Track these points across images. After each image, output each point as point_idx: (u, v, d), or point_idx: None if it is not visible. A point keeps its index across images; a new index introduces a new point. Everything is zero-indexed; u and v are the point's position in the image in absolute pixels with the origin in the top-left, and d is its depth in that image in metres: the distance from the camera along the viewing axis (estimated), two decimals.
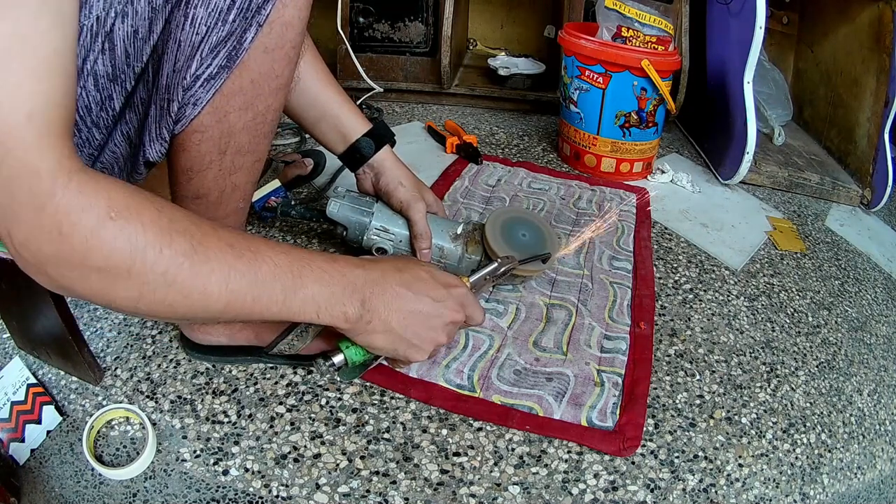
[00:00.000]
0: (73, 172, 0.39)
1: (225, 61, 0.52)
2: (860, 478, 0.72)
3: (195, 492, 0.61)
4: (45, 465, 0.63)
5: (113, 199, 0.41)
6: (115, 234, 0.40)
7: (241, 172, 0.62)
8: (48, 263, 0.40)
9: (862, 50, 1.42)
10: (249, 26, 0.52)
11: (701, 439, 0.72)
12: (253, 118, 0.58)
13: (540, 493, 0.63)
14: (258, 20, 0.52)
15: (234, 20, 0.50)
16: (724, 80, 1.39)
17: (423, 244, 0.84)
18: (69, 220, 0.39)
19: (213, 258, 0.46)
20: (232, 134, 0.58)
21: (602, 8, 1.25)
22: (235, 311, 0.48)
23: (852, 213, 1.39)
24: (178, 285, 0.44)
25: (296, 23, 0.55)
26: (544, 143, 1.52)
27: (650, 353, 0.83)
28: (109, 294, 0.43)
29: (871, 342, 0.95)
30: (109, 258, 0.41)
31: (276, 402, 0.70)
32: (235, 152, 0.59)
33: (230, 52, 0.52)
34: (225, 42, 0.51)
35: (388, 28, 1.62)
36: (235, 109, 0.56)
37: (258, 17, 0.52)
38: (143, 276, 0.42)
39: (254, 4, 0.51)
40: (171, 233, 0.43)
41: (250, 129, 0.59)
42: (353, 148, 0.84)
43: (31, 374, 0.68)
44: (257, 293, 0.48)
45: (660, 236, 1.15)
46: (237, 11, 0.50)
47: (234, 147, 0.59)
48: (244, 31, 0.52)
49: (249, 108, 0.57)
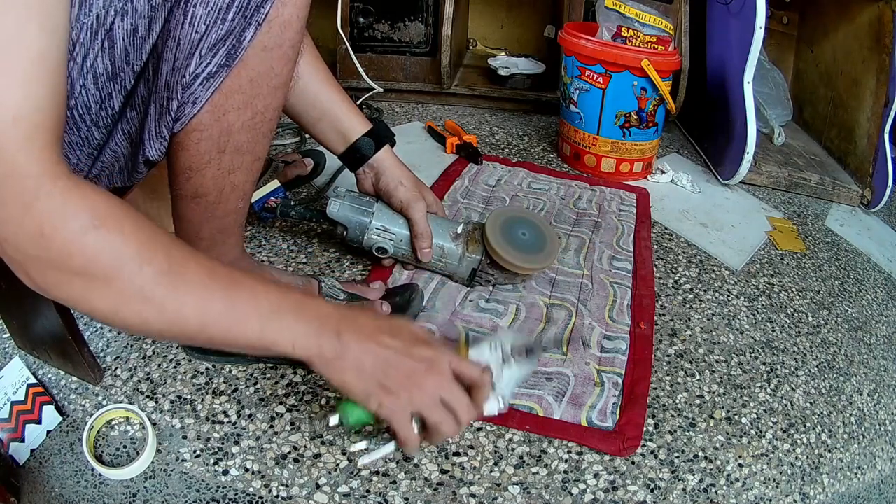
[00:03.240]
0: (58, 177, 0.39)
1: (224, 59, 0.52)
2: (860, 478, 0.72)
3: (195, 492, 0.61)
4: (45, 465, 0.63)
5: (97, 208, 0.41)
6: (98, 242, 0.41)
7: (240, 172, 0.62)
8: (30, 263, 0.41)
9: (862, 50, 1.42)
10: (248, 25, 0.52)
11: (701, 439, 0.72)
12: (252, 117, 0.58)
13: (540, 493, 0.63)
14: (257, 19, 0.52)
15: (233, 18, 0.51)
16: (724, 80, 1.39)
17: (423, 243, 0.84)
18: (52, 223, 0.39)
19: (190, 281, 0.45)
20: (231, 132, 0.58)
21: (602, 8, 1.25)
22: (210, 335, 0.47)
23: (852, 213, 1.39)
24: (154, 302, 0.44)
25: (294, 22, 0.55)
26: (544, 143, 1.52)
27: (650, 353, 0.83)
28: (89, 301, 0.43)
29: (871, 342, 0.95)
30: (90, 264, 0.41)
31: (276, 402, 0.70)
32: (234, 151, 0.59)
33: (229, 51, 0.52)
34: (224, 40, 0.51)
35: (388, 28, 1.62)
36: (234, 108, 0.56)
37: (257, 15, 0.51)
38: (122, 287, 0.42)
39: (253, 3, 0.51)
40: (152, 249, 0.43)
41: (249, 127, 0.59)
42: (353, 148, 0.84)
43: (31, 374, 0.68)
44: (233, 320, 0.47)
45: (660, 236, 1.15)
46: (236, 10, 0.50)
47: (233, 146, 0.59)
48: (243, 30, 0.52)
49: (248, 106, 0.57)
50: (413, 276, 0.91)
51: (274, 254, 0.96)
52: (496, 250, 0.83)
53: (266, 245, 0.98)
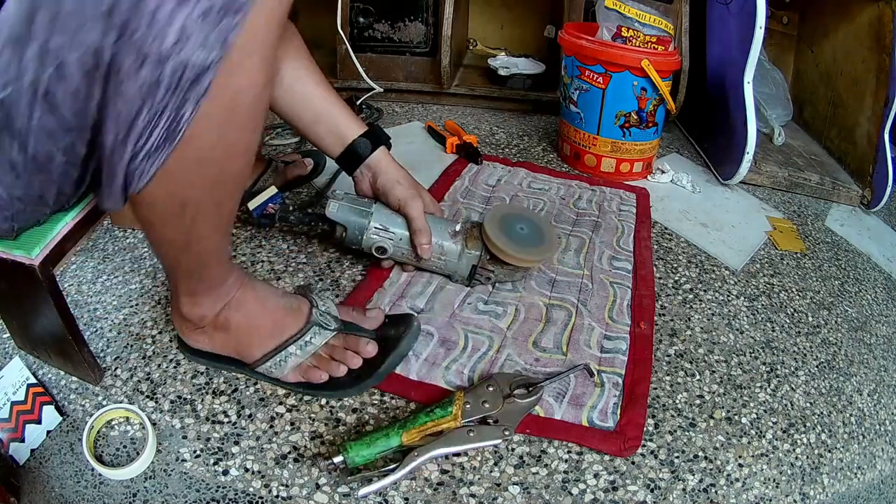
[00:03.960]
0: None
1: (164, 136, 0.46)
2: (860, 478, 0.72)
3: (195, 492, 0.61)
4: (45, 465, 0.63)
5: None
6: None
7: (205, 224, 0.57)
8: None
9: (862, 50, 1.42)
10: (185, 101, 0.45)
11: (701, 439, 0.72)
12: (213, 182, 0.53)
13: (540, 493, 0.63)
14: (195, 93, 0.45)
15: (163, 99, 0.44)
16: (724, 80, 1.39)
17: (423, 239, 0.84)
18: None
19: None
20: (188, 199, 0.54)
21: (602, 8, 1.25)
22: None
23: (852, 213, 1.39)
24: None
25: (251, 89, 0.49)
26: (544, 143, 1.52)
27: (650, 353, 0.83)
28: None
29: (871, 342, 0.95)
30: None
31: (276, 402, 0.70)
32: (196, 211, 0.55)
33: (168, 128, 0.46)
34: (159, 117, 0.45)
35: (388, 28, 1.62)
36: (188, 178, 0.51)
37: (194, 90, 0.45)
38: None
39: (186, 79, 0.44)
40: None
41: (209, 190, 0.54)
42: (349, 149, 0.85)
43: (31, 374, 0.68)
44: None
45: (660, 236, 1.15)
46: (166, 89, 0.44)
47: (194, 207, 0.55)
48: (180, 107, 0.45)
49: (205, 175, 0.52)
50: (412, 278, 0.91)
51: (274, 254, 0.96)
52: (496, 244, 0.83)
53: (266, 245, 0.98)
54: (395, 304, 0.86)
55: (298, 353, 0.69)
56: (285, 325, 0.69)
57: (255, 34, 0.45)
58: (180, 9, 0.41)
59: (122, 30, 0.41)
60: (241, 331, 0.68)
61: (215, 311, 0.67)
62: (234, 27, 0.43)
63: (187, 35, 0.41)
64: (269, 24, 0.47)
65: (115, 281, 0.87)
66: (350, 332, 0.72)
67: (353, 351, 0.71)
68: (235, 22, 0.43)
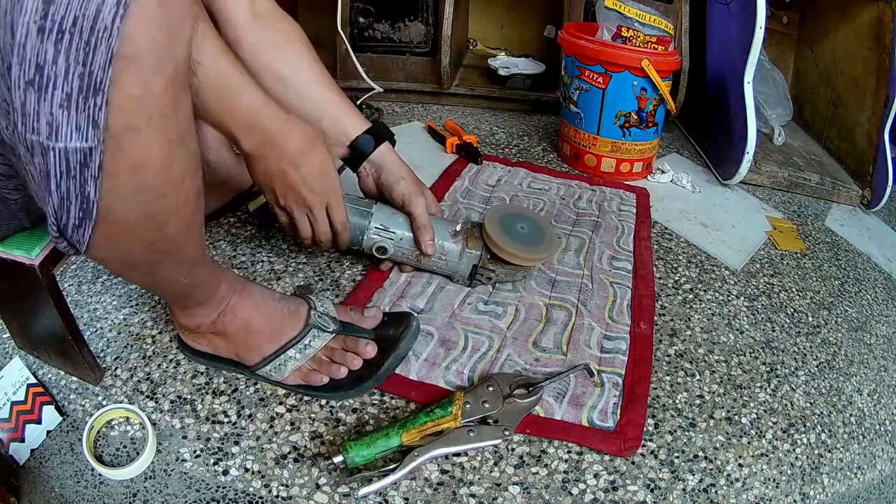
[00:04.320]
0: None
1: (81, 215, 0.44)
2: (860, 478, 0.72)
3: (195, 492, 0.61)
4: (45, 465, 0.63)
5: None
6: None
7: (165, 271, 0.56)
8: None
9: (862, 50, 1.42)
10: (85, 182, 0.42)
11: (701, 439, 0.72)
12: (150, 244, 0.51)
13: (540, 493, 0.63)
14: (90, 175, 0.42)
15: (60, 184, 0.42)
16: (724, 80, 1.39)
17: (426, 236, 0.84)
18: None
19: None
20: (135, 259, 0.52)
21: (602, 8, 1.25)
22: None
23: (852, 213, 1.39)
24: None
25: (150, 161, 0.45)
26: (544, 143, 1.52)
27: (650, 353, 0.83)
28: None
29: (871, 342, 0.95)
30: None
31: (276, 402, 0.70)
32: (149, 266, 0.54)
33: (82, 207, 0.44)
34: (68, 199, 0.43)
35: (388, 28, 1.62)
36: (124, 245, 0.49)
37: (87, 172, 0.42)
38: None
39: (73, 164, 0.41)
40: None
41: (153, 251, 0.52)
42: (353, 145, 0.85)
43: (31, 374, 0.68)
44: None
45: (660, 236, 1.15)
46: (59, 175, 0.41)
47: (144, 264, 0.53)
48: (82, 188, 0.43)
49: (141, 240, 0.50)
50: (412, 278, 0.91)
51: (274, 254, 0.96)
52: (496, 243, 0.83)
53: (266, 245, 0.98)
54: (395, 305, 0.86)
55: (298, 356, 0.69)
56: (284, 328, 0.69)
57: (132, 108, 0.41)
58: (41, 102, 0.39)
59: (12, 122, 0.40)
60: (239, 336, 0.69)
61: (211, 319, 0.67)
62: (101, 107, 0.40)
63: (57, 125, 0.40)
64: (153, 94, 0.42)
65: (115, 281, 0.87)
66: (349, 334, 0.72)
67: (352, 352, 0.71)
68: (100, 103, 0.40)
